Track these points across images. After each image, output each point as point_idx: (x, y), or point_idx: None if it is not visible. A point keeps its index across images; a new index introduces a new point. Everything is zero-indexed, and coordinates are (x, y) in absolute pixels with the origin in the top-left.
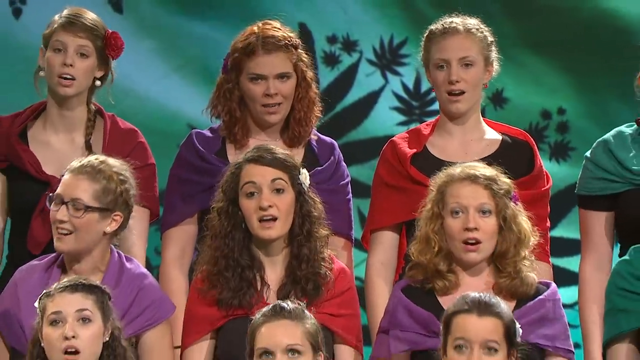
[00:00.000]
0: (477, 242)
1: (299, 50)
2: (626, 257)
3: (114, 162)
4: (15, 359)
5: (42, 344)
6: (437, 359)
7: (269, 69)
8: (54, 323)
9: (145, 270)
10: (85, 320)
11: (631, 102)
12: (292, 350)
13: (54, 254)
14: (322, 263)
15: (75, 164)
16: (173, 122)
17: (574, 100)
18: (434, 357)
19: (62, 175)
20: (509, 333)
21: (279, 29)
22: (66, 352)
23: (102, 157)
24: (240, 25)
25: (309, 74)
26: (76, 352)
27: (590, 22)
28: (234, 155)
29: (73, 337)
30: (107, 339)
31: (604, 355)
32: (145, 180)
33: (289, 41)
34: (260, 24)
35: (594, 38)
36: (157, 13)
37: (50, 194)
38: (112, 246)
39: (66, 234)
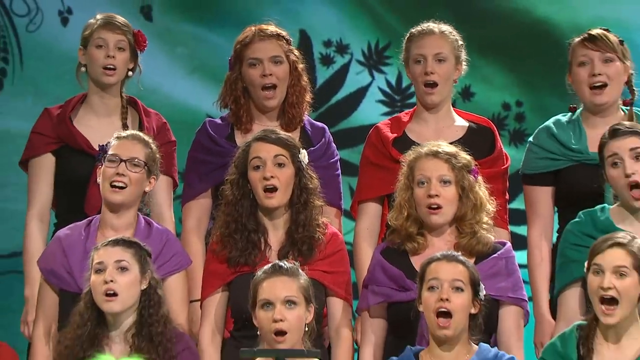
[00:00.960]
0: (439, 207)
1: (291, 47)
2: (576, 219)
3: (149, 138)
4: (64, 299)
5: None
6: (406, 310)
7: (263, 53)
8: (98, 271)
9: (167, 228)
10: (123, 269)
11: (564, 95)
12: (289, 302)
13: (90, 217)
14: (317, 228)
15: (125, 133)
16: (192, 114)
17: (526, 95)
18: (404, 309)
19: (106, 145)
20: (473, 279)
21: (272, 25)
22: (106, 294)
23: (140, 133)
24: None
25: (300, 65)
26: (114, 295)
27: (527, 29)
28: (240, 139)
29: (111, 281)
30: (145, 287)
31: (553, 306)
32: (169, 155)
33: (279, 33)
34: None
35: (531, 42)
36: (179, 23)
37: (106, 154)
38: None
39: (121, 187)
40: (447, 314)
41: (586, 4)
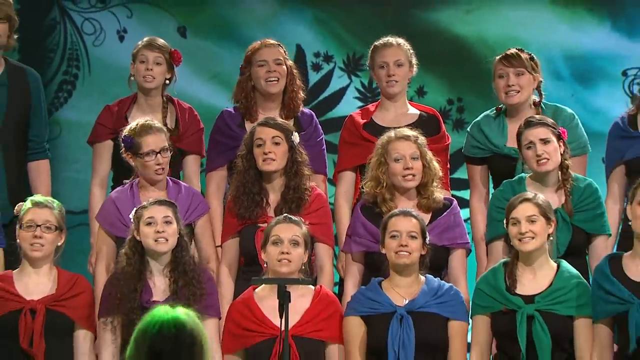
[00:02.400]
0: (413, 175)
1: (287, 55)
2: (500, 187)
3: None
4: (119, 244)
5: (138, 239)
6: (379, 257)
7: (268, 56)
8: (149, 224)
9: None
10: (168, 223)
11: (487, 94)
12: (294, 241)
13: (130, 181)
14: (305, 192)
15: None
16: (211, 110)
17: (464, 93)
18: (378, 256)
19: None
20: (422, 229)
21: (272, 39)
22: (156, 240)
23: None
24: None
25: (295, 70)
26: (166, 240)
27: (448, 43)
28: (249, 126)
29: (163, 231)
30: (179, 235)
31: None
32: (198, 138)
33: (279, 43)
34: None
35: (454, 53)
36: (203, 41)
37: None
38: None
39: (163, 170)
40: (406, 255)
41: (490, 25)
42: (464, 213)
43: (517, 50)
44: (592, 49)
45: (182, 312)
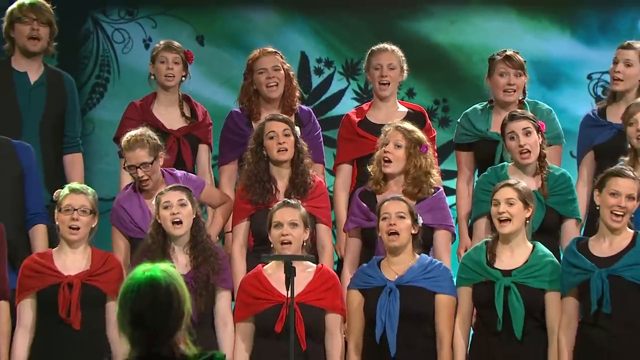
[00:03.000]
0: (389, 160)
1: (284, 60)
2: (485, 172)
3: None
4: (132, 243)
5: (159, 221)
6: (371, 232)
7: (267, 63)
8: (165, 207)
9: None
10: (183, 205)
11: (468, 99)
12: (292, 223)
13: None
14: (308, 178)
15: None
16: (222, 110)
17: (448, 94)
18: (369, 232)
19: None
20: (411, 211)
21: (271, 47)
22: (173, 222)
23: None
24: None
25: (291, 73)
26: (180, 222)
27: (429, 50)
28: (254, 125)
29: (178, 213)
30: (194, 216)
31: (471, 232)
32: (208, 132)
33: (276, 51)
34: None
35: (441, 60)
36: (217, 49)
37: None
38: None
39: (146, 181)
40: (395, 233)
41: (465, 34)
42: (450, 200)
43: (515, 53)
44: (556, 55)
45: (158, 269)
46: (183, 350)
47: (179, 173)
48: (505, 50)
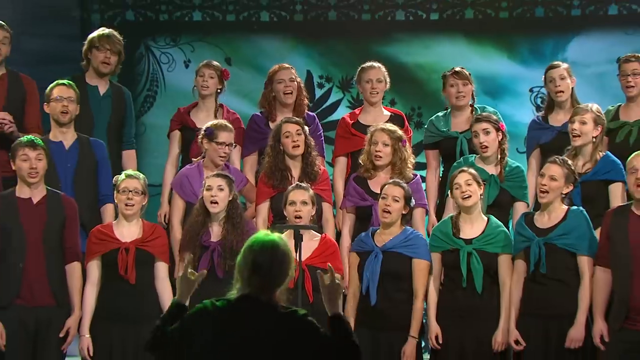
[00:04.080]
0: (379, 156)
1: (297, 76)
2: (454, 164)
3: None
4: (187, 205)
5: (204, 202)
6: (365, 209)
7: (285, 75)
8: (208, 189)
9: (233, 167)
10: (221, 189)
11: (434, 107)
12: (303, 202)
13: (198, 162)
14: (316, 167)
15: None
16: (244, 118)
17: (422, 103)
18: (363, 209)
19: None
20: (406, 195)
21: (287, 64)
22: (211, 202)
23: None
24: None
25: (302, 85)
26: (216, 203)
27: (397, 69)
28: (272, 125)
29: (215, 195)
30: (230, 199)
31: (439, 210)
32: (239, 133)
33: (291, 67)
34: None
35: (406, 76)
36: (240, 68)
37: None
38: None
39: (225, 156)
40: (387, 212)
41: (424, 56)
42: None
43: (461, 68)
44: (496, 73)
45: (277, 236)
46: (277, 301)
47: (232, 167)
48: (454, 68)
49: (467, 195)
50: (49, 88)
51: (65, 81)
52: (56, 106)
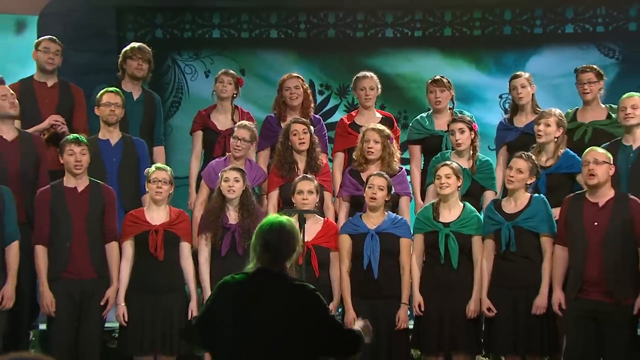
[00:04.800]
0: (371, 152)
1: (304, 83)
2: (433, 159)
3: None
4: (212, 192)
5: (221, 188)
6: (358, 198)
7: (292, 83)
8: (225, 181)
9: (255, 163)
10: (237, 181)
11: (417, 110)
12: (309, 191)
13: (226, 157)
14: (319, 161)
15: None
16: (259, 120)
17: (407, 107)
18: (357, 198)
19: (230, 129)
20: (388, 185)
21: (295, 73)
22: (228, 191)
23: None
24: None
25: (308, 91)
26: (233, 191)
27: (383, 78)
28: (283, 124)
29: (232, 186)
30: (244, 188)
31: (422, 196)
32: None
33: (298, 75)
34: None
35: (390, 85)
36: (253, 78)
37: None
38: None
39: (240, 150)
40: (374, 199)
41: (405, 68)
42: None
43: (440, 77)
44: (467, 82)
45: (283, 218)
46: (288, 274)
47: (255, 164)
48: (435, 77)
49: (445, 186)
50: (99, 94)
51: (113, 89)
52: (105, 110)
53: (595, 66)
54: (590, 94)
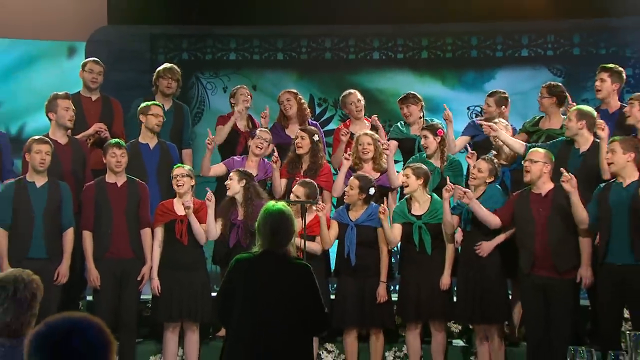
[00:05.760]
0: (366, 153)
1: (298, 94)
2: (414, 157)
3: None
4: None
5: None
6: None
7: (283, 98)
8: (230, 179)
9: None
10: (231, 179)
11: (396, 119)
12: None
13: (245, 156)
14: (319, 163)
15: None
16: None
17: (389, 116)
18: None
19: (249, 132)
20: (361, 186)
21: (292, 89)
22: (227, 188)
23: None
24: None
25: (303, 101)
26: (229, 188)
27: (365, 92)
28: (286, 131)
29: (228, 183)
30: (243, 185)
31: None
32: None
33: (291, 90)
34: None
35: (372, 99)
36: (263, 93)
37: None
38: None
39: (261, 149)
40: (347, 197)
41: (382, 84)
42: None
43: (407, 94)
44: (434, 95)
45: (282, 205)
46: (289, 254)
47: (266, 160)
48: (402, 95)
49: (405, 185)
50: (145, 105)
51: (160, 103)
52: (153, 119)
53: (553, 83)
54: (542, 106)
